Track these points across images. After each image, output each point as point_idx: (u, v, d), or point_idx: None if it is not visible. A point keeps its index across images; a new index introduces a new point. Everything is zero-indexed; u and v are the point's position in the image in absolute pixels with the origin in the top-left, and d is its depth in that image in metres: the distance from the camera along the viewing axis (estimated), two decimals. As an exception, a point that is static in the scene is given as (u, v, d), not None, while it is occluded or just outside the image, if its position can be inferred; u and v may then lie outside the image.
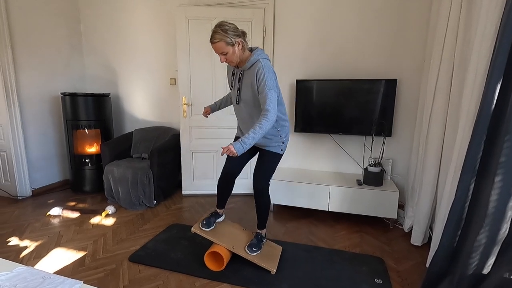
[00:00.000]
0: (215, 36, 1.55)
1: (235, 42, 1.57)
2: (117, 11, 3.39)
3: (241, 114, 1.83)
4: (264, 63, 1.61)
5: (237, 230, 2.05)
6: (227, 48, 1.57)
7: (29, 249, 2.06)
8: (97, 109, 3.17)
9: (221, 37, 1.54)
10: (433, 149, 2.02)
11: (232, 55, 1.60)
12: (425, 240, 2.17)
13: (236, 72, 1.76)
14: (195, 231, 1.89)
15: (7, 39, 2.79)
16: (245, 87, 1.69)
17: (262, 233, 1.98)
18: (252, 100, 1.70)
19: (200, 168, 3.15)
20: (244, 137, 1.50)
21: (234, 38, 1.56)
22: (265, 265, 1.81)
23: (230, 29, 1.56)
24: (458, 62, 1.79)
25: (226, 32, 1.54)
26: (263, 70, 1.58)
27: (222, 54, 1.60)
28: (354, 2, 2.65)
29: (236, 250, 1.84)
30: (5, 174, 3.04)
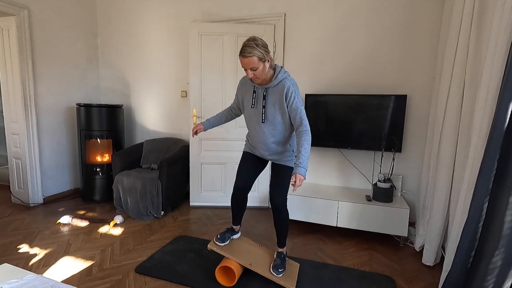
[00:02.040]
0: (249, 50, 1.49)
1: (267, 59, 1.55)
2: (132, 26, 3.53)
3: (260, 134, 1.76)
4: (291, 80, 1.63)
5: (253, 247, 2.01)
6: (259, 64, 1.53)
7: (38, 257, 2.09)
8: (110, 120, 3.25)
9: (255, 52, 1.49)
10: (445, 166, 1.99)
11: (261, 71, 1.56)
12: (437, 260, 2.10)
13: (258, 89, 1.70)
14: (211, 248, 1.88)
15: (29, 52, 2.92)
16: (271, 105, 1.66)
17: (284, 251, 1.93)
18: (277, 118, 1.68)
19: (208, 180, 3.16)
20: (300, 160, 1.52)
21: (266, 54, 1.53)
22: (283, 283, 1.76)
23: (263, 45, 1.53)
24: (469, 79, 1.78)
25: (259, 47, 1.50)
26: (293, 88, 1.59)
27: (252, 69, 1.54)
28: (364, 19, 2.69)
29: (255, 268, 1.80)
30: (18, 182, 3.12)
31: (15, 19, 2.81)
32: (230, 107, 2.04)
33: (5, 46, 2.93)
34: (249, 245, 2.02)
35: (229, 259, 1.83)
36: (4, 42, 2.93)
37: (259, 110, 1.71)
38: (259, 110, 1.72)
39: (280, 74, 1.62)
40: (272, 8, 2.96)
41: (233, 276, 1.80)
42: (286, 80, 1.61)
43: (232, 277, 1.81)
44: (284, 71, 1.66)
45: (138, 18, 3.49)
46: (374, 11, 2.65)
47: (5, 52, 2.94)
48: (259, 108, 1.71)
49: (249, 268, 1.80)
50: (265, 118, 1.70)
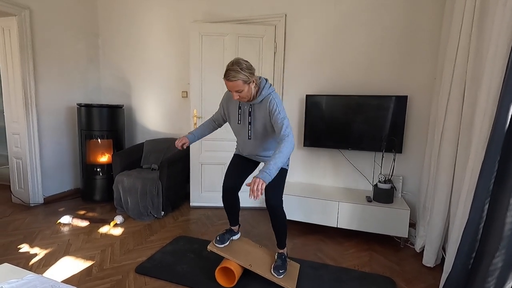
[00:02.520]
0: (233, 74, 1.50)
1: (252, 80, 1.57)
2: (133, 26, 3.53)
3: (249, 146, 1.81)
4: (275, 96, 1.66)
5: (253, 247, 2.01)
6: (244, 86, 1.55)
7: (39, 257, 2.09)
8: (111, 120, 3.26)
9: (239, 76, 1.51)
10: (445, 168, 1.99)
11: (246, 92, 1.58)
12: (437, 261, 2.10)
13: (243, 106, 1.72)
14: (211, 249, 1.87)
15: (30, 52, 2.93)
16: (257, 121, 1.70)
17: (284, 252, 1.93)
18: (263, 132, 1.73)
19: (209, 181, 3.16)
20: (269, 164, 1.44)
21: (250, 76, 1.55)
22: (284, 284, 1.76)
23: (247, 67, 1.54)
24: (470, 80, 1.78)
25: (243, 70, 1.51)
26: (276, 103, 1.62)
27: (237, 91, 1.56)
28: (364, 19, 2.69)
29: (255, 268, 1.79)
30: (19, 181, 3.12)
31: (17, 19, 2.82)
32: (213, 119, 2.00)
33: (6, 46, 2.93)
34: (249, 246, 2.02)
35: (229, 260, 1.82)
36: (5, 42, 2.93)
37: (246, 127, 1.75)
38: (245, 126, 1.75)
39: (264, 91, 1.64)
40: (273, 9, 2.96)
41: (233, 277, 1.80)
42: (269, 96, 1.64)
43: (232, 278, 1.81)
44: (268, 86, 1.67)
45: (139, 18, 3.49)
46: (374, 11, 2.65)
47: (6, 52, 2.95)
48: (246, 125, 1.75)
49: (249, 269, 1.80)
50: (251, 134, 1.74)
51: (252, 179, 1.39)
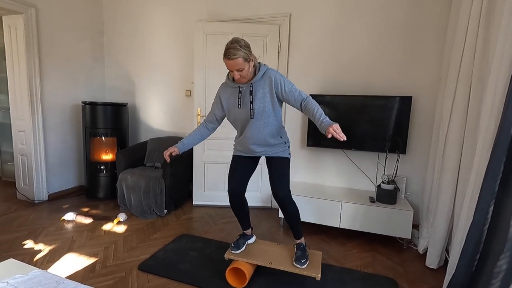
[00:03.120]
0: (234, 52, 1.51)
1: (251, 58, 1.58)
2: (138, 25, 3.55)
3: (251, 130, 1.73)
4: (272, 69, 1.68)
5: (270, 246, 2.01)
6: (244, 64, 1.55)
7: (43, 253, 2.11)
8: (115, 118, 3.27)
9: (239, 53, 1.52)
10: (450, 169, 1.97)
11: (247, 71, 1.58)
12: (441, 263, 2.09)
13: (243, 88, 1.69)
14: (228, 257, 1.86)
15: (36, 50, 2.95)
16: (260, 99, 1.66)
17: (302, 241, 1.92)
18: (267, 109, 1.67)
19: (212, 179, 3.17)
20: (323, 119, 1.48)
21: (250, 54, 1.56)
22: (307, 273, 1.75)
23: (246, 45, 1.56)
24: (476, 80, 1.77)
25: (243, 48, 1.53)
26: (278, 74, 1.64)
27: (238, 70, 1.57)
28: (369, 19, 2.68)
29: (276, 265, 1.79)
30: (24, 178, 3.15)
31: (23, 17, 2.84)
32: (205, 122, 1.93)
33: (13, 44, 2.96)
34: (266, 245, 2.02)
35: (238, 261, 1.82)
36: (11, 40, 2.96)
37: (247, 107, 1.69)
38: (246, 107, 1.70)
39: (262, 67, 1.65)
40: (277, 8, 2.96)
41: (243, 277, 1.79)
42: (269, 70, 1.64)
43: (243, 278, 1.80)
44: (263, 64, 1.68)
45: (144, 17, 3.51)
46: (379, 11, 2.64)
47: (13, 49, 2.97)
48: (247, 105, 1.69)
49: (271, 266, 1.79)
50: (253, 113, 1.68)
51: (326, 131, 1.42)
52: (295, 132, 3.06)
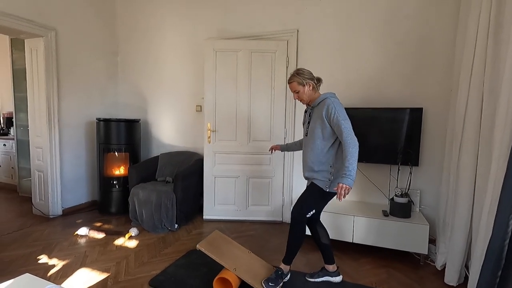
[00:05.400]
0: (290, 78, 1.86)
1: (306, 83, 1.83)
2: (150, 44, 3.68)
3: (305, 146, 1.93)
4: (332, 100, 1.77)
5: (250, 258, 2.04)
6: (299, 87, 1.84)
7: (57, 268, 2.13)
8: (128, 134, 3.36)
9: (294, 78, 1.84)
10: (465, 181, 1.92)
11: (302, 93, 1.86)
12: (460, 280, 2.00)
13: (307, 109, 1.97)
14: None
15: (54, 70, 3.09)
16: (313, 122, 1.85)
17: (284, 269, 1.90)
18: (316, 132, 1.82)
19: (222, 193, 3.17)
20: (344, 171, 1.61)
21: (305, 80, 1.82)
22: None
23: (303, 73, 1.85)
24: (488, 91, 1.75)
25: (299, 74, 1.83)
26: (333, 105, 1.74)
27: (294, 92, 1.86)
28: (376, 33, 2.71)
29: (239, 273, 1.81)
30: (40, 194, 3.23)
31: (44, 40, 3.00)
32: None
33: (33, 65, 3.12)
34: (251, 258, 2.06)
35: (227, 270, 1.83)
36: (32, 62, 3.12)
37: (306, 126, 1.95)
38: (306, 126, 1.96)
39: (322, 95, 1.84)
40: (285, 25, 3.03)
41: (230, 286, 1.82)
42: (326, 99, 1.79)
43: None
44: (327, 93, 1.83)
45: (156, 37, 3.65)
46: (386, 25, 2.67)
47: (33, 70, 3.13)
48: (306, 124, 1.95)
49: (234, 272, 1.81)
50: (307, 131, 1.90)
51: (337, 186, 1.61)
52: (304, 145, 3.05)
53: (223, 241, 2.10)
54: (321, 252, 2.02)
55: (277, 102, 3.05)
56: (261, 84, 3.05)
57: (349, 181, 1.58)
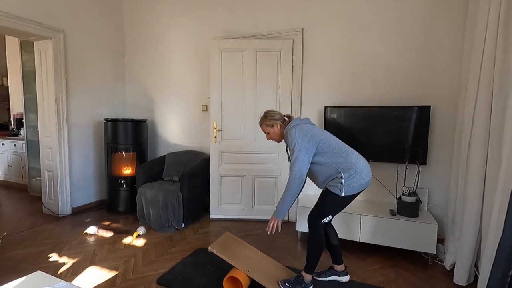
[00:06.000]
0: (260, 120, 1.98)
1: (274, 124, 1.93)
2: (157, 45, 3.72)
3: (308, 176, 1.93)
4: (296, 129, 1.78)
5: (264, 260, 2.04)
6: (267, 129, 1.96)
7: (67, 266, 2.17)
8: (135, 134, 3.39)
9: (263, 121, 1.96)
10: (475, 179, 1.90)
11: (272, 134, 1.96)
12: (470, 280, 1.97)
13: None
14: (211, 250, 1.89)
15: (63, 72, 3.14)
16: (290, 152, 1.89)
17: (305, 277, 1.86)
18: None
19: (228, 193, 3.18)
20: (279, 204, 1.78)
21: (272, 121, 1.92)
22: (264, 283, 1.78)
23: (270, 115, 1.94)
24: (498, 88, 1.72)
25: (266, 117, 1.94)
26: (292, 135, 1.78)
27: (265, 133, 1.99)
28: (383, 31, 2.68)
29: (252, 274, 1.81)
30: (50, 193, 3.29)
31: (52, 41, 3.05)
32: None
33: (42, 66, 3.17)
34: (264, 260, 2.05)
35: (236, 269, 1.83)
36: (41, 63, 3.17)
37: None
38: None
39: (286, 128, 1.89)
40: (290, 24, 3.02)
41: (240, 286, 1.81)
42: (289, 130, 1.83)
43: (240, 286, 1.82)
44: (292, 123, 1.84)
45: (162, 37, 3.67)
46: (393, 23, 2.65)
47: (42, 72, 3.18)
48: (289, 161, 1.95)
49: (246, 273, 1.81)
50: (289, 159, 1.92)
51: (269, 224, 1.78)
52: (310, 144, 3.05)
53: (234, 242, 2.09)
54: (330, 252, 2.02)
55: (283, 101, 3.05)
56: (267, 83, 3.05)
57: (277, 214, 1.77)
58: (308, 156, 1.73)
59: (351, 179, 1.72)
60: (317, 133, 1.79)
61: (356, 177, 1.72)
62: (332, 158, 1.75)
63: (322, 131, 1.87)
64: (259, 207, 3.17)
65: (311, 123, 1.90)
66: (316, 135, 1.77)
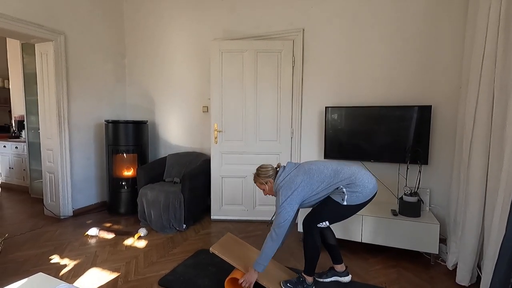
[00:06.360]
0: (254, 178, 1.97)
1: (266, 182, 1.90)
2: (158, 47, 3.72)
3: None
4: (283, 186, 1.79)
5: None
6: (262, 186, 1.93)
7: (68, 267, 2.17)
8: (136, 135, 3.40)
9: (256, 179, 1.95)
10: (476, 179, 1.89)
11: (267, 191, 1.94)
12: (473, 280, 1.96)
13: None
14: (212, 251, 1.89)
15: (64, 74, 3.15)
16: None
17: (306, 279, 1.87)
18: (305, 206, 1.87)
19: (229, 194, 3.18)
20: (258, 257, 1.77)
21: (264, 179, 1.90)
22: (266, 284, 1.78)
23: (262, 173, 1.91)
24: (499, 88, 1.71)
25: (259, 176, 1.92)
26: (279, 192, 1.79)
27: (262, 190, 1.96)
28: (383, 31, 2.68)
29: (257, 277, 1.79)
30: (51, 195, 3.29)
31: (53, 44, 3.06)
32: None
33: (44, 69, 3.18)
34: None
35: (239, 270, 1.83)
36: (42, 65, 3.18)
37: None
38: None
39: (275, 186, 1.87)
40: (290, 24, 3.03)
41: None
42: (279, 186, 1.82)
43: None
44: (280, 180, 1.82)
45: (163, 39, 3.68)
46: (393, 23, 2.65)
47: (43, 74, 3.19)
48: None
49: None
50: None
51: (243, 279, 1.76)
52: (312, 144, 3.05)
53: (235, 243, 2.09)
54: (329, 252, 2.02)
55: (284, 101, 3.05)
56: (267, 84, 3.05)
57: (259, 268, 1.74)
58: (291, 206, 1.74)
59: (354, 188, 1.74)
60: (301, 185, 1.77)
61: (358, 187, 1.74)
62: (328, 181, 1.77)
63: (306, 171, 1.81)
64: (260, 208, 3.17)
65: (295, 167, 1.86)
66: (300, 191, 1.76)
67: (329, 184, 1.77)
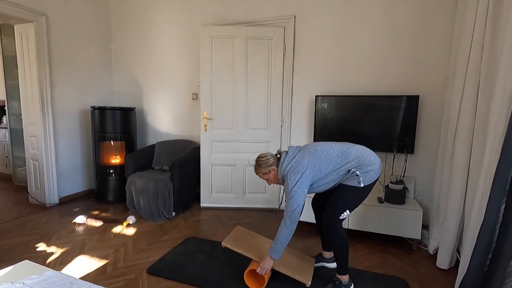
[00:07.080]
0: (255, 170, 1.89)
1: (269, 171, 1.82)
2: (145, 31, 3.60)
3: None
4: (291, 171, 1.71)
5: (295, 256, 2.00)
6: (265, 176, 1.85)
7: (55, 255, 2.15)
8: (123, 122, 3.32)
9: (258, 170, 1.86)
10: (459, 168, 1.95)
11: (271, 180, 1.87)
12: (452, 264, 2.06)
13: None
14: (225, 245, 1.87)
15: (46, 58, 3.02)
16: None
17: (342, 279, 1.78)
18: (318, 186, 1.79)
19: (219, 181, 3.19)
20: (273, 245, 1.72)
21: (266, 169, 1.81)
22: (299, 278, 1.74)
23: (263, 163, 1.82)
24: (484, 78, 1.75)
25: (260, 166, 1.83)
26: (287, 178, 1.72)
27: (265, 180, 1.88)
28: (374, 20, 2.68)
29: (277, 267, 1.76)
30: (36, 182, 3.22)
31: (34, 25, 2.92)
32: None
33: (24, 51, 3.04)
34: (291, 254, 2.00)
35: (255, 262, 1.80)
36: (23, 48, 3.04)
37: None
38: None
39: (279, 173, 1.79)
40: (282, 11, 2.97)
41: (262, 280, 1.78)
42: (285, 177, 1.76)
43: (261, 280, 1.79)
44: (286, 165, 1.74)
45: (151, 23, 3.56)
46: (384, 12, 2.64)
47: (24, 57, 3.05)
48: None
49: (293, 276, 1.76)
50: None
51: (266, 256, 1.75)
52: (302, 132, 3.06)
53: (247, 235, 2.06)
54: (321, 237, 2.06)
55: (274, 89, 3.03)
56: (258, 72, 3.02)
57: (274, 254, 1.71)
58: (301, 189, 1.67)
59: (365, 167, 1.70)
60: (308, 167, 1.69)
61: (369, 166, 1.70)
62: (338, 166, 1.70)
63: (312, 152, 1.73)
64: (250, 196, 3.20)
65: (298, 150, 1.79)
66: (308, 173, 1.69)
67: (338, 166, 1.69)
